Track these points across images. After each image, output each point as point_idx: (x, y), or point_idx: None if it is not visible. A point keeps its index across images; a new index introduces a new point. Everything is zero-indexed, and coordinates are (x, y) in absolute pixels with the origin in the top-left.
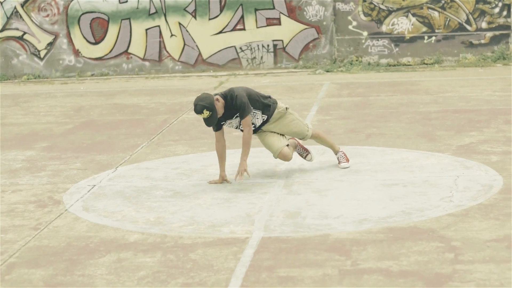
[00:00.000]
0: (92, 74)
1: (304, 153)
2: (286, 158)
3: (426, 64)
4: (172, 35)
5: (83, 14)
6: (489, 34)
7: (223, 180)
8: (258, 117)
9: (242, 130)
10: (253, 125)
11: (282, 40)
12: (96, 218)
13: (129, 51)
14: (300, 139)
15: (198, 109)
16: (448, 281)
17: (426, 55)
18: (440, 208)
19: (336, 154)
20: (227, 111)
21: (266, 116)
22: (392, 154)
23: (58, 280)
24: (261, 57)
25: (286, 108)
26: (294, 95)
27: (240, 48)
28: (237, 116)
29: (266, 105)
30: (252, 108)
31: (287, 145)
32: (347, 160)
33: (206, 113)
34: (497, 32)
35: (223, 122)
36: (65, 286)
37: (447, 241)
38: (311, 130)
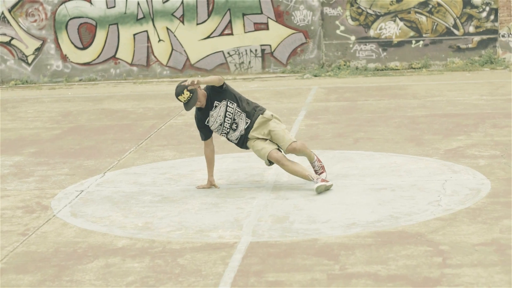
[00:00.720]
0: (80, 79)
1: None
2: (275, 160)
3: (414, 68)
4: (160, 40)
5: (70, 19)
6: (477, 39)
7: (211, 185)
8: (242, 118)
9: (226, 133)
10: (236, 125)
11: (270, 45)
12: (84, 223)
13: (117, 56)
14: (281, 148)
15: (178, 90)
16: (437, 285)
17: (414, 59)
18: (428, 212)
19: (311, 163)
20: (213, 97)
21: (250, 120)
22: (380, 158)
23: (46, 286)
24: (249, 62)
25: (272, 115)
26: (282, 99)
27: (228, 53)
28: (224, 99)
29: (251, 110)
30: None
31: (277, 149)
32: (324, 171)
33: (186, 94)
34: (484, 36)
35: (208, 119)
36: None
37: (435, 245)
38: (296, 142)
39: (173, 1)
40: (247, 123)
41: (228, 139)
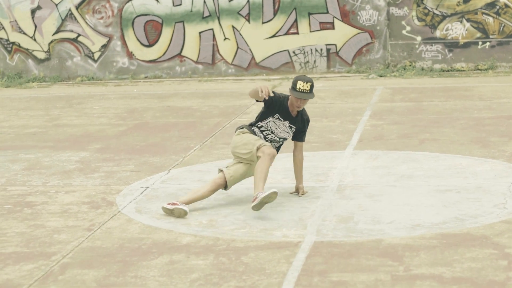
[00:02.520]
0: (145, 76)
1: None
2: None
3: (480, 69)
4: (225, 38)
5: (137, 16)
6: None
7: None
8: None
9: (278, 146)
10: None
11: (335, 44)
12: (149, 220)
13: (183, 54)
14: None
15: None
16: None
17: (480, 60)
18: (493, 215)
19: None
20: (292, 117)
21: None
22: (446, 160)
23: (111, 281)
24: (314, 61)
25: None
26: (347, 99)
27: (293, 52)
28: (292, 127)
29: None
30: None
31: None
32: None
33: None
34: None
35: (270, 120)
36: (117, 287)
37: (500, 248)
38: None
39: (239, 0)
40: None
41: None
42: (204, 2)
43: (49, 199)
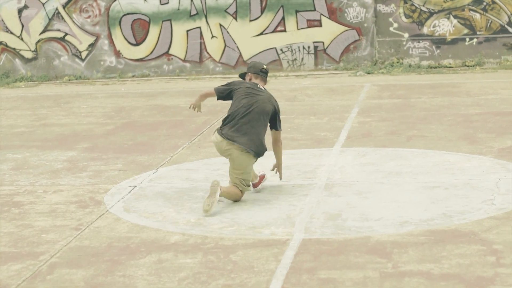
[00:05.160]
0: (133, 75)
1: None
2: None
3: (468, 66)
4: (213, 36)
5: (124, 15)
6: None
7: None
8: None
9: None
10: None
11: (323, 42)
12: (137, 219)
13: (170, 52)
14: None
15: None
16: (490, 285)
17: (468, 57)
18: (481, 211)
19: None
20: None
21: None
22: (433, 156)
23: (99, 281)
24: (302, 59)
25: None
26: (334, 96)
27: (281, 49)
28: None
29: None
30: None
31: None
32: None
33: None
34: None
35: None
36: (106, 287)
37: (488, 244)
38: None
39: None
40: None
41: None
42: (191, 0)
43: (37, 198)
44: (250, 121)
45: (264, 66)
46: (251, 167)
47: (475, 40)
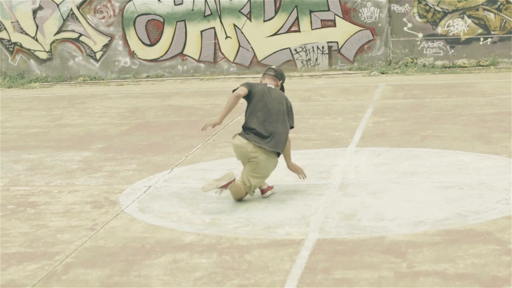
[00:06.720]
0: (147, 75)
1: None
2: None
3: (482, 66)
4: (227, 36)
5: (138, 16)
6: None
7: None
8: None
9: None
10: None
11: (337, 42)
12: (152, 219)
13: (184, 52)
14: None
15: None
16: (505, 284)
17: (482, 57)
18: (496, 211)
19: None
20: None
21: None
22: (448, 156)
23: (114, 281)
24: (316, 59)
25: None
26: (349, 96)
27: (295, 49)
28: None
29: None
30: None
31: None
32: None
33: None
34: None
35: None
36: (121, 287)
37: (503, 244)
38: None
39: None
40: None
41: None
42: (206, 1)
43: (52, 199)
44: (272, 123)
45: (273, 67)
46: (271, 173)
47: (489, 39)
